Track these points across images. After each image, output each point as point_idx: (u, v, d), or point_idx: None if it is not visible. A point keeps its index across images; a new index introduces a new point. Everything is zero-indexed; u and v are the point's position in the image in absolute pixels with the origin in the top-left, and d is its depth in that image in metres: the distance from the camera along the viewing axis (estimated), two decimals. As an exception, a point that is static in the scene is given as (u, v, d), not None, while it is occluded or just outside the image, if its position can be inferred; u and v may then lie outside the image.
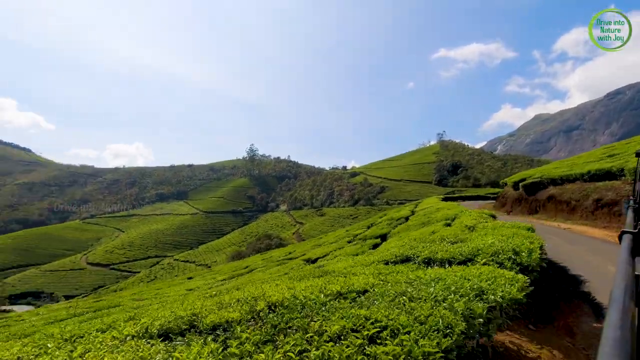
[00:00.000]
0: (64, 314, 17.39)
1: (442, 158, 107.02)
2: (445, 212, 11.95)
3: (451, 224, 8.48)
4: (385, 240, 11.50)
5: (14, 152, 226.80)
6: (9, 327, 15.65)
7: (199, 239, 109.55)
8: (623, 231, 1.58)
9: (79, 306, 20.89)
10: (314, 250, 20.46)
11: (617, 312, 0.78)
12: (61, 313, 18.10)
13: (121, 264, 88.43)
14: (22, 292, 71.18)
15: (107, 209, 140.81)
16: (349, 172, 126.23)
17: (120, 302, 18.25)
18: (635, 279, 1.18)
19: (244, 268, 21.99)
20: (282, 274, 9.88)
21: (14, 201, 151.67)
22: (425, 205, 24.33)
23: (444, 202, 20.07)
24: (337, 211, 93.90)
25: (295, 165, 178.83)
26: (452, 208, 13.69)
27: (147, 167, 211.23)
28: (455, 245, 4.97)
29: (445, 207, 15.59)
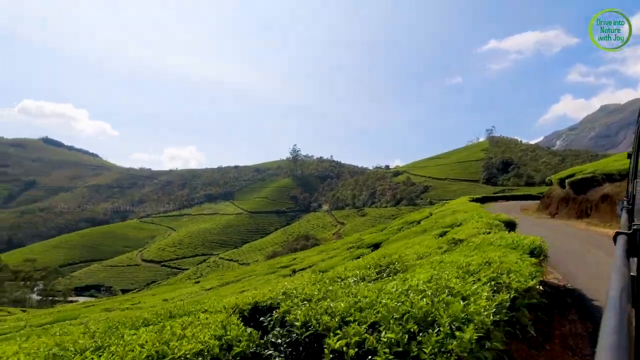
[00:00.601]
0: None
1: (491, 155, 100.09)
2: (455, 217, 10.43)
3: (445, 234, 7.17)
4: (378, 248, 10.28)
5: (84, 157, 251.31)
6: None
7: (243, 238, 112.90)
8: (617, 232, 1.59)
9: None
10: (312, 258, 19.57)
11: (614, 314, 0.78)
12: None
13: (171, 261, 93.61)
14: (86, 285, 78.02)
15: (160, 208, 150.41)
16: (392, 171, 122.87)
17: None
18: (631, 280, 1.17)
19: (235, 277, 21.56)
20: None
21: (83, 202, 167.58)
22: (449, 207, 22.24)
23: (470, 204, 17.77)
24: (378, 211, 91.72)
25: (337, 165, 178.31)
26: (470, 211, 11.92)
27: (197, 169, 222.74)
28: (379, 282, 3.66)
29: (464, 209, 13.79)
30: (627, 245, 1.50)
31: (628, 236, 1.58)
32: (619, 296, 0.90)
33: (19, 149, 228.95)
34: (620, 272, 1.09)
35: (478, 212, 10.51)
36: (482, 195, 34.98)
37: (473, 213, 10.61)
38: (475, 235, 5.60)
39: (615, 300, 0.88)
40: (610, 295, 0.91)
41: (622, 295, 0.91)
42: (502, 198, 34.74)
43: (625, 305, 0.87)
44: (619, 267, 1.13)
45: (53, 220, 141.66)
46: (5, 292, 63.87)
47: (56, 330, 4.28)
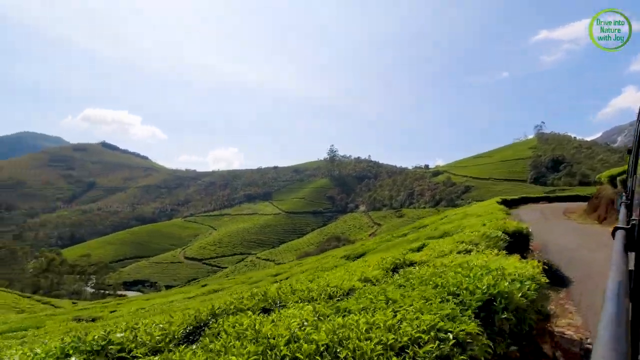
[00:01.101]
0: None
1: (540, 153, 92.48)
2: (456, 224, 8.94)
3: (421, 249, 5.86)
4: (362, 257, 9.08)
5: (136, 160, 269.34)
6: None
7: (280, 238, 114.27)
8: (616, 227, 1.63)
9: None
10: (303, 266, 18.41)
11: (612, 307, 0.79)
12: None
13: (212, 259, 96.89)
14: (134, 280, 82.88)
15: (203, 208, 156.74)
16: (431, 171, 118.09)
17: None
18: (629, 275, 1.20)
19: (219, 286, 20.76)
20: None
21: (135, 202, 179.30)
22: (466, 210, 20.06)
23: (495, 206, 15.50)
24: (416, 212, 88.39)
25: (375, 165, 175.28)
26: (485, 215, 10.21)
27: (237, 169, 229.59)
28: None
29: (479, 213, 12.08)
30: (625, 239, 1.53)
31: (626, 231, 1.61)
32: (616, 289, 0.92)
33: (81, 152, 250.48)
34: (618, 266, 1.12)
35: (492, 217, 8.99)
36: (520, 196, 31.53)
37: (484, 218, 9.13)
38: (445, 255, 4.35)
39: (613, 293, 0.90)
40: (609, 288, 0.93)
41: (620, 289, 0.93)
42: (544, 199, 31.21)
43: (623, 298, 0.89)
44: (617, 262, 1.17)
45: (108, 218, 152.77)
46: (65, 284, 69.64)
47: None
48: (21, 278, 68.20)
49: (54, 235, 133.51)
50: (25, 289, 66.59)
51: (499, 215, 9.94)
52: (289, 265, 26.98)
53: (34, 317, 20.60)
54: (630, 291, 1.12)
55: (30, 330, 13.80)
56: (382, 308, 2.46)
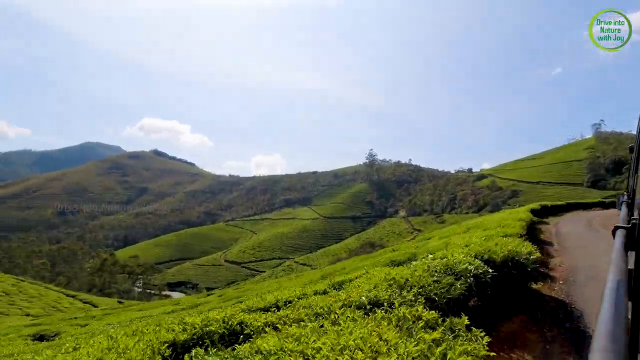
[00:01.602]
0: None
1: (599, 154, 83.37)
2: (446, 241, 7.38)
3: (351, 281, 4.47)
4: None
5: (184, 166, 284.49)
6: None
7: (318, 243, 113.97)
8: (616, 226, 1.65)
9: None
10: (297, 280, 17.10)
11: (611, 306, 0.80)
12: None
13: (251, 263, 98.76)
14: (177, 282, 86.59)
15: (244, 212, 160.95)
16: (475, 174, 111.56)
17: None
18: (629, 273, 1.21)
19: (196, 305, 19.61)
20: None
21: (181, 206, 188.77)
22: (491, 218, 17.53)
23: (523, 214, 12.68)
24: (457, 218, 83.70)
25: (416, 169, 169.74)
26: (493, 229, 8.09)
27: (277, 174, 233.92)
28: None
29: (489, 225, 9.91)
30: (625, 239, 1.54)
31: (627, 230, 1.62)
32: (616, 288, 0.92)
33: (135, 160, 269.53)
34: (618, 265, 1.13)
35: (501, 231, 7.25)
36: (567, 202, 28.00)
37: (491, 232, 7.42)
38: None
39: (612, 292, 0.90)
40: (608, 287, 0.93)
41: (620, 288, 0.93)
42: (598, 205, 27.30)
43: (622, 297, 0.89)
44: (617, 260, 1.17)
45: (158, 221, 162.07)
46: (116, 283, 74.43)
47: None
48: (79, 276, 73.91)
49: (110, 236, 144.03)
50: (82, 286, 72.18)
51: (513, 228, 8.06)
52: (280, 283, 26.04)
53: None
54: (629, 290, 1.13)
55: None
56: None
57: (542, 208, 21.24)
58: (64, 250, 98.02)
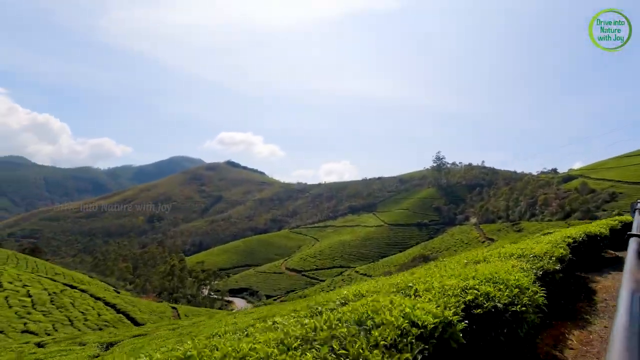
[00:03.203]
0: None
1: None
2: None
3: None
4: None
5: (254, 175, 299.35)
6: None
7: (382, 251, 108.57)
8: (629, 234, 1.62)
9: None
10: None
11: (625, 315, 0.78)
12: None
13: (311, 271, 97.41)
14: (239, 288, 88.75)
15: (309, 220, 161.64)
16: (561, 176, 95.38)
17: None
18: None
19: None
20: None
21: (250, 213, 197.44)
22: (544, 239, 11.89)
23: (557, 248, 7.66)
24: (539, 226, 71.71)
25: (490, 171, 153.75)
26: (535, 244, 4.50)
27: (342, 181, 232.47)
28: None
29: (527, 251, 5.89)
30: (639, 247, 1.53)
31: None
32: (630, 297, 0.92)
33: (211, 171, 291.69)
34: (632, 274, 1.13)
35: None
36: None
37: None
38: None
39: (626, 302, 0.89)
40: (622, 297, 0.93)
41: (634, 296, 0.93)
42: None
43: (637, 306, 0.88)
44: (630, 269, 1.18)
45: (229, 228, 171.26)
46: (183, 288, 78.80)
47: None
48: (152, 280, 79.90)
49: (188, 242, 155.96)
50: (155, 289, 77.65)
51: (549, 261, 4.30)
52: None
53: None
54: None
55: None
56: None
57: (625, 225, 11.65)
58: (146, 254, 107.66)
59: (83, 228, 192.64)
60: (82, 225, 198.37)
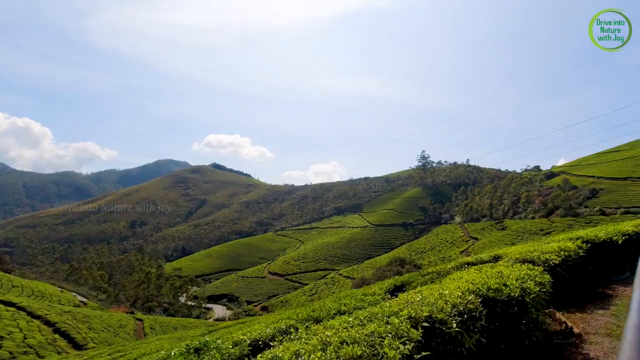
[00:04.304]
0: None
1: None
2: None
3: None
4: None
5: (240, 178, 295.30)
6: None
7: (367, 252, 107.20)
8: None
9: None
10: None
11: (637, 316, 0.76)
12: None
13: (294, 274, 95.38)
14: (220, 294, 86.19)
15: (294, 222, 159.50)
16: (543, 173, 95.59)
17: None
18: None
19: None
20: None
21: (236, 216, 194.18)
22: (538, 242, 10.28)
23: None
24: (522, 224, 71.31)
25: (475, 170, 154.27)
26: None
27: (328, 182, 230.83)
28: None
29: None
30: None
31: None
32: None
33: (196, 174, 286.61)
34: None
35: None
36: None
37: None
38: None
39: (638, 302, 0.83)
40: (634, 299, 0.92)
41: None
42: None
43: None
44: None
45: (213, 232, 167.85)
46: (159, 296, 75.86)
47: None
48: (127, 288, 76.71)
49: (170, 247, 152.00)
50: (129, 298, 74.54)
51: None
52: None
53: None
54: None
55: None
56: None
57: (627, 242, 9.02)
58: (123, 262, 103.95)
59: (61, 235, 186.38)
60: (60, 232, 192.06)
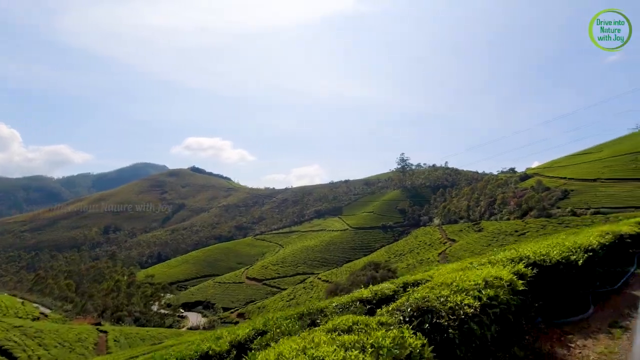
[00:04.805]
0: None
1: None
2: None
3: None
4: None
5: (220, 181, 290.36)
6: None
7: (346, 256, 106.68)
8: None
9: None
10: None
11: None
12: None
13: (272, 279, 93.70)
14: (195, 301, 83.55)
15: (274, 226, 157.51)
16: (518, 175, 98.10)
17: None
18: None
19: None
20: None
21: (215, 221, 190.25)
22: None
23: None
24: (497, 225, 72.54)
25: (453, 172, 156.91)
26: None
27: (309, 185, 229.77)
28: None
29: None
30: None
31: None
32: None
33: (174, 177, 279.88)
34: None
35: None
36: None
37: None
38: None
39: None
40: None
41: None
42: None
43: None
44: None
45: (191, 237, 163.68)
46: (130, 305, 72.63)
47: None
48: (95, 298, 73.10)
49: (145, 254, 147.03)
50: (97, 308, 71.06)
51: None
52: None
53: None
54: None
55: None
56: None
57: (589, 262, 7.35)
58: (93, 269, 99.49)
59: (28, 242, 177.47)
60: (26, 239, 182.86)
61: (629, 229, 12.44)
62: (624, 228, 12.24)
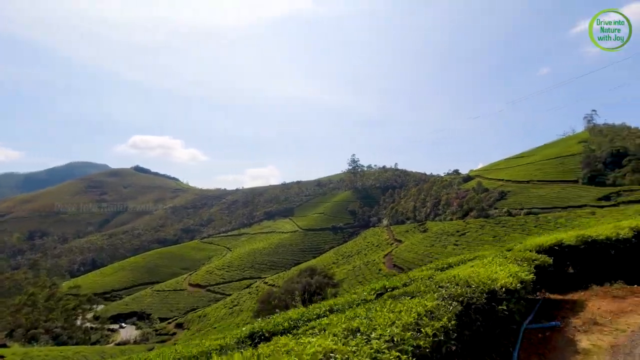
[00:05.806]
0: None
1: (594, 147, 75.61)
2: None
3: None
4: None
5: (167, 182, 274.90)
6: None
7: (295, 258, 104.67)
8: None
9: None
10: None
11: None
12: None
13: (217, 285, 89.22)
14: (129, 312, 76.73)
15: (222, 228, 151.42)
16: (461, 176, 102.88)
17: None
18: None
19: None
20: None
21: (160, 223, 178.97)
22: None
23: None
24: (441, 225, 74.93)
25: (403, 173, 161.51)
26: None
27: (260, 186, 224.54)
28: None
29: None
30: None
31: None
32: None
33: (115, 177, 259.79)
34: None
35: None
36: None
37: None
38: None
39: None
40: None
41: None
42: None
43: None
44: None
45: (131, 242, 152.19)
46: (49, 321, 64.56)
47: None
48: (4, 314, 64.11)
49: (77, 261, 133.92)
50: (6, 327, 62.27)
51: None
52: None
53: None
54: None
55: None
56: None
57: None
58: (8, 281, 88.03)
59: None
60: None
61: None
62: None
